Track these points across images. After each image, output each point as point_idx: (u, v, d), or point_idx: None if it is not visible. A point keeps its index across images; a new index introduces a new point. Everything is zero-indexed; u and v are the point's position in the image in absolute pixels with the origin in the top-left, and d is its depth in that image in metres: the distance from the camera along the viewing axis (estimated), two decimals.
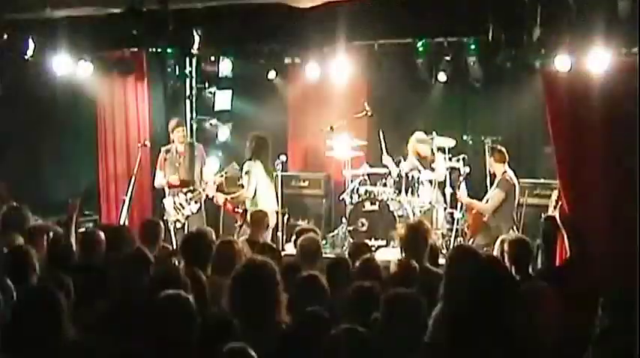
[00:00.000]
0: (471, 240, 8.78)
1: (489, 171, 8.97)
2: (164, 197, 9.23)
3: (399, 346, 3.56)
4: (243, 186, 8.88)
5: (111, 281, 4.77)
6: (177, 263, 5.89)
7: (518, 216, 8.84)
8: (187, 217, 9.00)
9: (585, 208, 5.25)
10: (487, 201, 8.78)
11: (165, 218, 8.91)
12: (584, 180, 5.31)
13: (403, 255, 5.57)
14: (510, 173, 8.72)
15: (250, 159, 8.84)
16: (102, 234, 5.89)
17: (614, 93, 5.22)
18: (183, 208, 9.01)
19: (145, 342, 3.67)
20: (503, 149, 8.74)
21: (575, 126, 5.38)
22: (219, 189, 9.25)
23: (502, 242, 5.90)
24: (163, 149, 9.27)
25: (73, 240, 6.19)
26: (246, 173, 8.76)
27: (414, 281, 4.85)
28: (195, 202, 9.03)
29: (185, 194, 9.01)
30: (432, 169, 9.12)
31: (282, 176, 9.34)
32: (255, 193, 8.71)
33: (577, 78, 6.46)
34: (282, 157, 9.29)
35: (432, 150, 9.18)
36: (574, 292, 4.45)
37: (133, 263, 4.94)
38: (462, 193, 8.84)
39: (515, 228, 8.71)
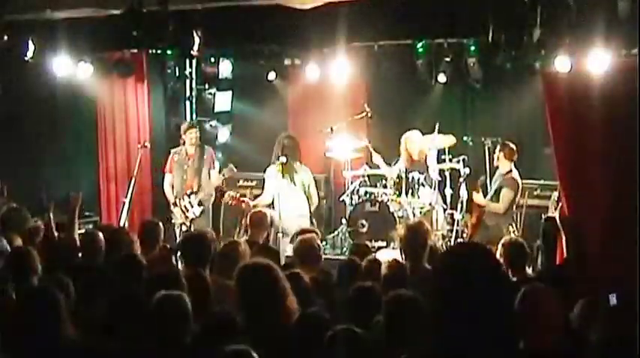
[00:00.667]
0: (470, 239, 8.75)
1: (490, 169, 8.95)
2: (168, 203, 9.16)
3: (399, 346, 3.55)
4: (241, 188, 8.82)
5: (105, 284, 4.75)
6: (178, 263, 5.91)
7: (519, 217, 8.82)
8: (192, 220, 8.93)
9: (585, 209, 5.25)
10: (491, 199, 8.73)
11: (172, 221, 8.90)
12: (583, 180, 5.31)
13: (402, 256, 5.55)
14: (516, 173, 8.68)
15: (274, 163, 8.81)
16: (100, 235, 5.90)
17: (614, 94, 5.22)
18: (188, 211, 8.97)
19: (143, 342, 3.68)
20: (514, 147, 8.66)
21: (574, 126, 5.37)
22: (219, 189, 9.22)
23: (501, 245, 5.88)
24: (173, 151, 9.21)
25: (76, 235, 6.18)
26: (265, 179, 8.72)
27: (406, 282, 4.84)
28: (199, 205, 8.99)
29: (189, 196, 8.97)
30: (427, 170, 9.04)
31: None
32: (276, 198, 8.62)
33: (577, 79, 6.47)
34: (282, 159, 9.25)
35: (422, 151, 9.05)
36: (573, 293, 4.45)
37: (125, 267, 4.97)
38: (479, 195, 8.73)
39: (513, 225, 8.68)
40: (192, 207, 8.93)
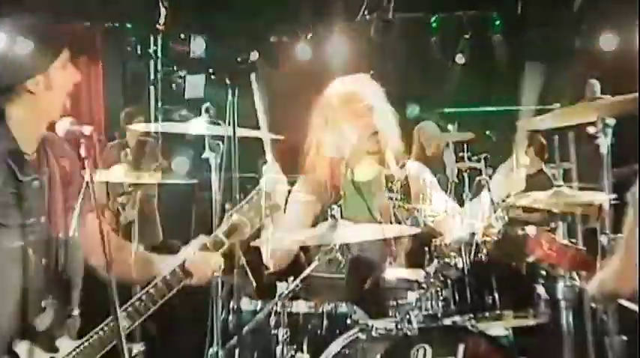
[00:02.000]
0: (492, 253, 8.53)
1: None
2: None
3: None
4: None
5: None
6: None
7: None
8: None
9: None
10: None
11: None
12: None
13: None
14: (549, 172, 8.46)
15: None
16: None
17: None
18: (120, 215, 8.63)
19: None
20: (545, 142, 8.51)
21: None
22: None
23: None
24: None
25: None
26: None
27: None
28: (132, 207, 8.58)
29: (121, 196, 8.59)
30: (443, 169, 8.87)
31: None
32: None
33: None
34: None
35: (438, 146, 8.97)
36: None
37: None
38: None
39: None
40: (124, 210, 8.52)
